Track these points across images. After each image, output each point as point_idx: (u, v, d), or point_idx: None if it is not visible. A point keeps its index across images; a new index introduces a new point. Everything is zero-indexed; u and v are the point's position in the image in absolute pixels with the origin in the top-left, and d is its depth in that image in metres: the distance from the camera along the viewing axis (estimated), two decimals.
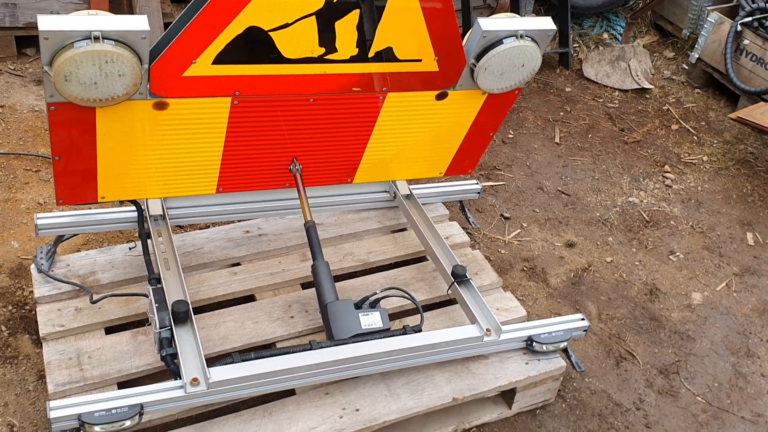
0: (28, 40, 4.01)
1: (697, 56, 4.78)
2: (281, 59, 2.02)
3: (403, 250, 2.75)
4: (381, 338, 2.17)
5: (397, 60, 2.16)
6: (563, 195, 3.65)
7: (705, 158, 4.12)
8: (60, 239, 2.47)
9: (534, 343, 2.34)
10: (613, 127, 4.34)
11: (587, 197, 3.67)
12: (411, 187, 2.80)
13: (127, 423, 1.85)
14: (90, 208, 2.57)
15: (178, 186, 2.32)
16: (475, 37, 2.14)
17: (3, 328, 2.47)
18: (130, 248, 2.54)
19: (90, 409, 1.83)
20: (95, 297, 2.29)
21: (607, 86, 4.77)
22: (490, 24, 2.12)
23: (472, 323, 2.32)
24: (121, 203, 2.83)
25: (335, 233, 2.75)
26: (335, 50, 2.06)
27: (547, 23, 2.20)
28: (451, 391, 2.23)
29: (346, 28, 2.03)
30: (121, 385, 2.13)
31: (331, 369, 2.09)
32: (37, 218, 2.39)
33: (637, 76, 4.80)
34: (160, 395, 1.91)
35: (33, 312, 2.45)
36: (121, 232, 2.96)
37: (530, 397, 2.41)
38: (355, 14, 2.01)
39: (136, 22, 1.76)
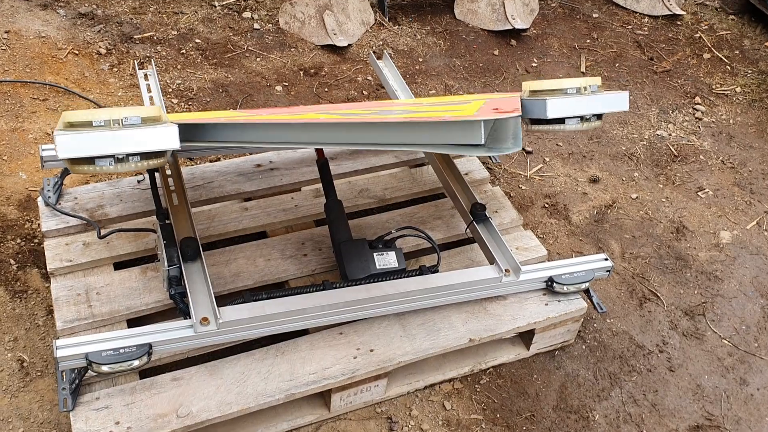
0: None
1: None
2: None
3: (420, 187, 2.65)
4: (396, 279, 2.10)
5: None
6: None
7: (738, 89, 3.93)
8: (67, 171, 2.40)
9: (554, 284, 2.26)
10: (641, 55, 4.14)
11: (613, 130, 3.52)
12: None
13: (135, 363, 1.81)
14: None
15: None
16: (537, 112, 1.86)
17: (12, 261, 2.43)
18: (138, 181, 2.47)
19: (97, 348, 1.79)
20: (103, 232, 2.23)
21: (636, 12, 4.54)
22: (557, 109, 1.81)
23: (491, 263, 2.24)
24: None
25: (350, 168, 2.65)
26: None
27: (621, 102, 1.90)
28: (468, 332, 2.17)
29: None
30: (131, 322, 2.09)
31: (345, 310, 2.04)
32: (42, 150, 2.31)
33: (669, 1, 4.56)
34: (168, 335, 1.86)
35: (42, 245, 2.40)
36: None
37: (549, 338, 2.34)
38: None
39: (166, 139, 1.50)
